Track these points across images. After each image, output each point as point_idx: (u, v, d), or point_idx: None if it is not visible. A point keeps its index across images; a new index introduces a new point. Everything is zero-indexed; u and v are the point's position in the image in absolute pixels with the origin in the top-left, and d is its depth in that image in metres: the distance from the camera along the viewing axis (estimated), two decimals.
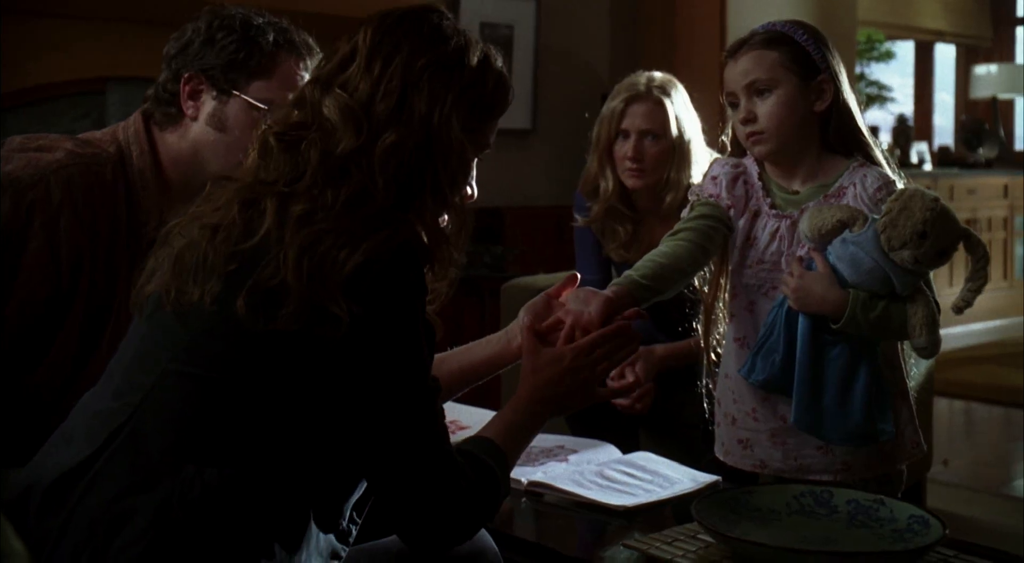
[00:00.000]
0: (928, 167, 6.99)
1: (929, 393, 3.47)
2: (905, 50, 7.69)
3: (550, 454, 2.11)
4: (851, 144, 1.84)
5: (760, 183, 1.86)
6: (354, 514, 1.42)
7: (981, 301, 1.73)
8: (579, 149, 2.84)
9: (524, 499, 1.90)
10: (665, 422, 2.62)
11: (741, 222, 1.84)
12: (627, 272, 1.74)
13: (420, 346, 1.34)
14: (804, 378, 1.75)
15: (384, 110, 1.36)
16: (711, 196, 1.86)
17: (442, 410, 1.39)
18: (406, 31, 1.40)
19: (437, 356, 1.75)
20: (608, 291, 1.67)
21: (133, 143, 1.79)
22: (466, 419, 2.26)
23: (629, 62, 4.89)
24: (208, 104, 1.80)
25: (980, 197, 6.81)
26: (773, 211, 1.83)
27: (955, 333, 6.25)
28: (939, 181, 6.61)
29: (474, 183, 1.51)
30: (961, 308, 1.69)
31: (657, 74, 2.67)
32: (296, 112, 1.40)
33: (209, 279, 1.30)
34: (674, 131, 2.60)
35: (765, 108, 1.79)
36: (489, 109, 1.45)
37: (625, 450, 2.25)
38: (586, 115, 2.91)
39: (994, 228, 6.90)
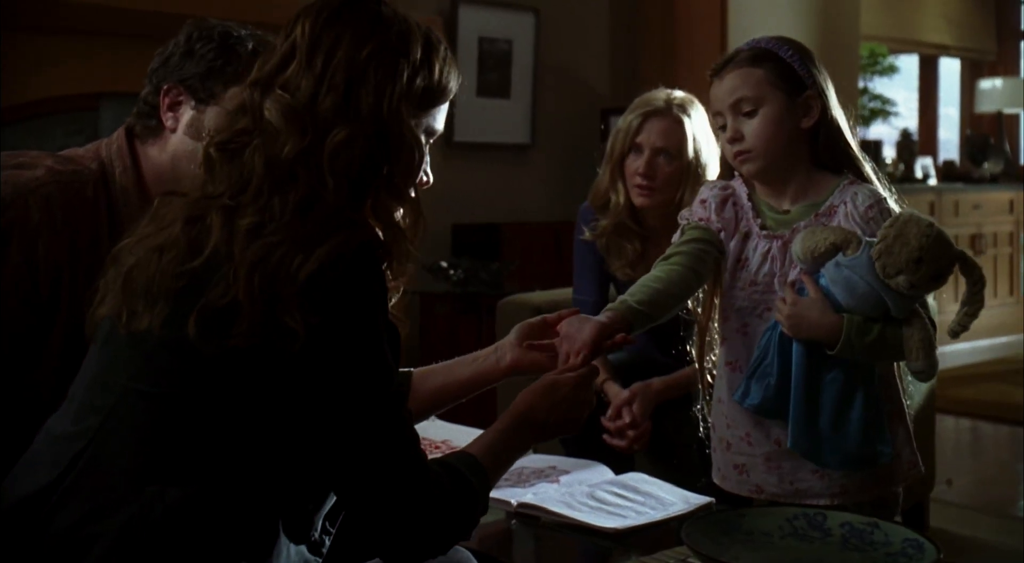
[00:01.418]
0: (933, 182, 6.94)
1: (931, 411, 3.43)
2: (909, 64, 7.66)
3: (541, 475, 2.08)
4: (841, 160, 1.82)
5: (750, 204, 1.83)
6: (327, 524, 1.39)
7: (987, 318, 1.70)
8: (578, 164, 2.80)
9: (514, 521, 1.87)
10: (661, 442, 2.58)
11: (732, 244, 1.82)
12: (621, 297, 1.71)
13: (382, 350, 1.30)
14: (800, 402, 1.72)
15: (329, 106, 1.31)
16: (701, 219, 1.84)
17: (410, 414, 1.34)
18: (346, 21, 1.35)
19: (421, 371, 1.72)
20: (602, 316, 1.65)
21: (116, 159, 1.77)
22: (458, 440, 2.22)
23: (628, 77, 4.89)
24: (187, 114, 1.78)
25: (985, 212, 6.76)
26: (763, 232, 1.80)
27: (960, 350, 6.20)
28: (944, 196, 6.57)
29: (428, 169, 1.47)
30: (957, 332, 1.67)
31: (678, 93, 2.59)
32: (238, 119, 1.35)
33: (157, 303, 1.27)
34: (690, 152, 2.52)
35: (752, 127, 1.77)
36: (438, 94, 1.41)
37: (621, 470, 2.21)
38: (601, 127, 2.87)
39: (1000, 243, 6.85)
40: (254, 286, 1.22)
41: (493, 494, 1.93)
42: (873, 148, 6.56)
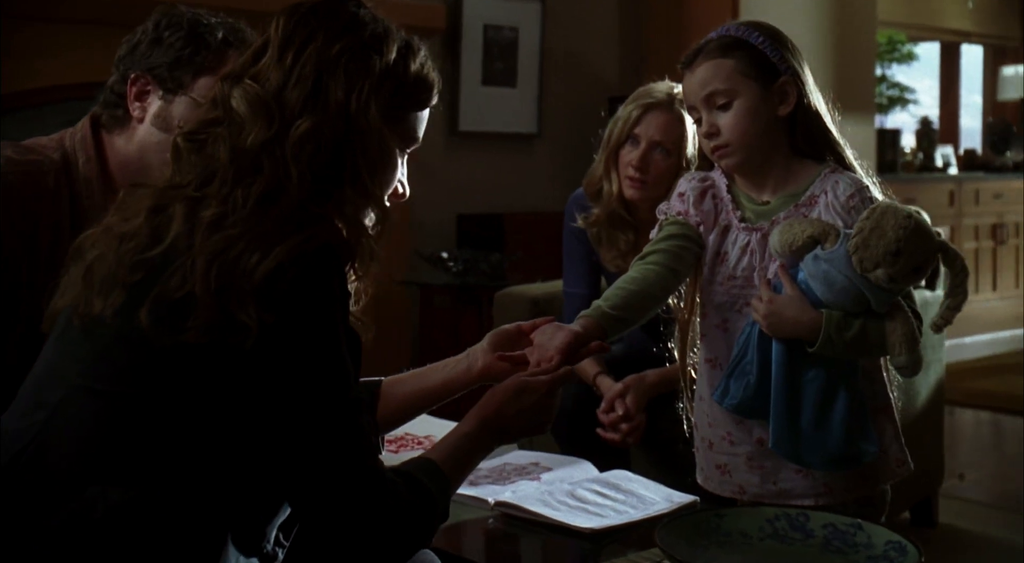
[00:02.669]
0: (953, 171, 6.84)
1: (939, 403, 3.36)
2: (930, 51, 7.55)
3: (523, 472, 2.04)
4: (821, 147, 1.76)
5: (729, 196, 1.77)
6: (280, 536, 1.35)
7: (1008, 307, 1.64)
8: (585, 154, 2.74)
9: (491, 520, 1.82)
10: (656, 437, 2.52)
11: (711, 238, 1.76)
12: (596, 302, 1.67)
13: (339, 356, 1.26)
14: (781, 402, 1.67)
15: (297, 97, 1.30)
16: (679, 213, 1.78)
17: (369, 424, 1.31)
18: (320, 19, 1.34)
19: (391, 379, 1.69)
20: (576, 324, 1.61)
21: (79, 149, 1.73)
22: (442, 435, 2.18)
23: (637, 65, 4.82)
24: (155, 104, 1.74)
25: (1007, 201, 6.65)
26: (743, 224, 1.75)
27: (977, 341, 6.11)
28: (964, 185, 6.47)
29: (405, 180, 1.44)
30: (940, 326, 1.61)
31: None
32: (209, 110, 1.34)
33: (112, 290, 1.24)
34: (689, 149, 2.44)
35: (727, 119, 1.71)
36: (411, 99, 1.39)
37: (616, 465, 2.17)
38: (602, 114, 2.82)
39: (1021, 233, 6.74)
40: (211, 279, 1.20)
41: (471, 492, 1.90)
42: (891, 137, 6.47)
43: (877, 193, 1.72)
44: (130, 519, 1.20)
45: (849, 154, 1.76)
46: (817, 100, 1.75)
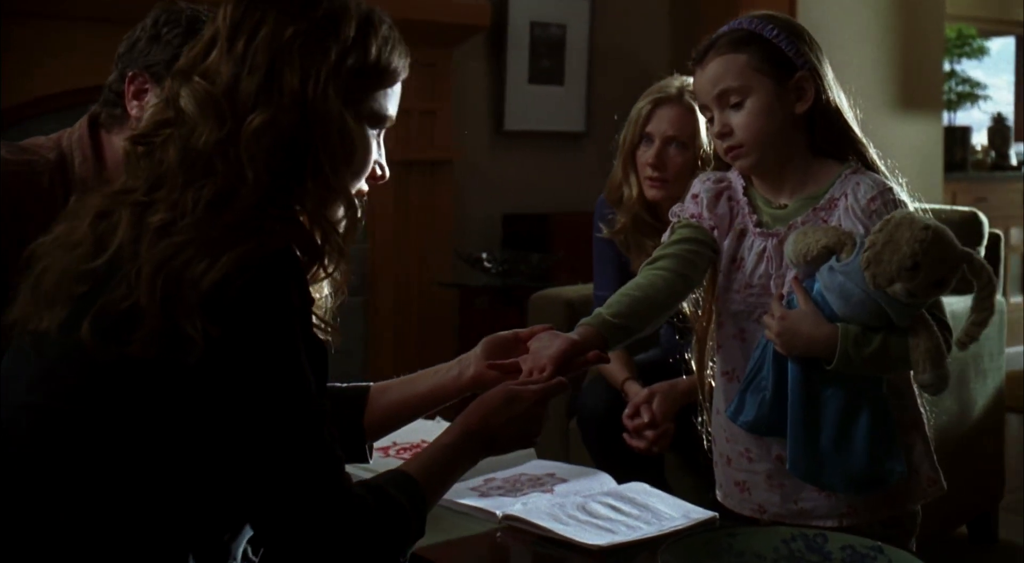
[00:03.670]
0: None
1: (1000, 412, 3.21)
2: (1004, 46, 7.30)
3: (537, 483, 1.96)
4: (842, 145, 1.66)
5: (746, 198, 1.68)
6: (249, 551, 1.29)
7: None
8: None
9: (499, 534, 1.75)
10: (691, 447, 2.44)
11: (726, 243, 1.68)
12: (598, 309, 1.59)
13: (295, 368, 1.19)
14: (798, 421, 1.58)
15: (250, 90, 1.22)
16: (692, 216, 1.69)
17: (332, 437, 1.23)
18: (270, 2, 1.26)
19: (380, 385, 1.62)
20: (575, 333, 1.54)
21: (76, 149, 1.71)
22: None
23: (689, 62, 4.71)
24: (152, 103, 1.69)
25: None
26: (759, 229, 1.65)
27: None
28: None
29: (383, 161, 1.37)
30: (965, 344, 1.50)
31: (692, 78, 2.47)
32: (161, 111, 1.27)
33: (56, 304, 1.19)
34: (704, 141, 2.37)
35: (740, 118, 1.62)
36: (375, 77, 1.30)
37: (650, 476, 2.09)
38: None
39: None
40: (156, 289, 1.14)
41: (480, 503, 1.83)
42: (960, 134, 6.27)
43: (904, 195, 1.61)
44: (84, 540, 1.15)
45: (872, 152, 1.65)
46: (838, 96, 1.65)
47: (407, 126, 3.98)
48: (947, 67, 6.23)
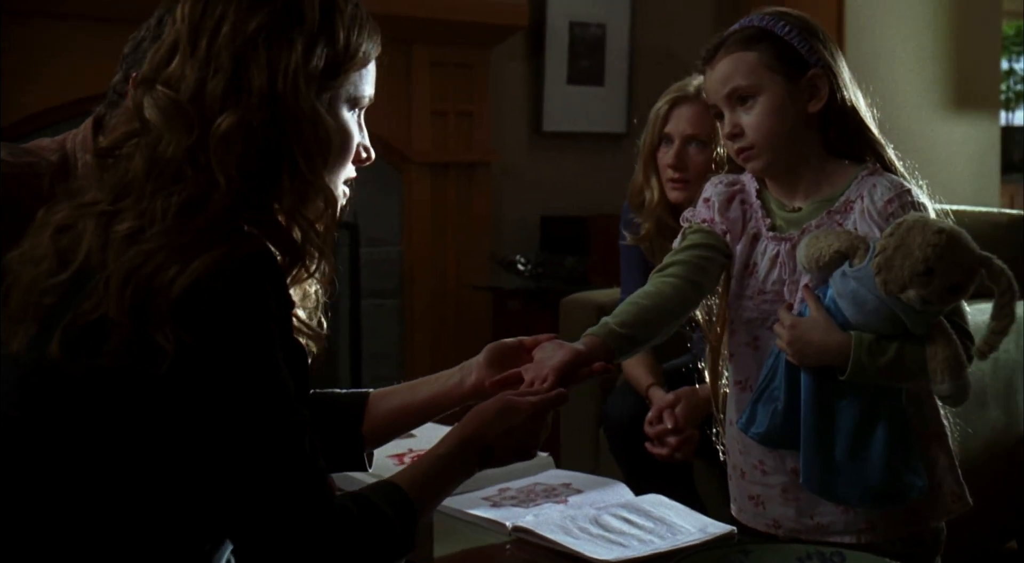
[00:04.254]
0: None
1: None
2: None
3: (551, 494, 1.91)
4: (859, 146, 1.59)
5: (759, 202, 1.62)
6: (231, 562, 1.25)
7: None
8: None
9: (508, 547, 1.70)
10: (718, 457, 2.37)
11: (739, 247, 1.61)
12: (604, 319, 1.54)
13: (271, 375, 1.15)
14: (811, 434, 1.51)
15: (216, 93, 1.18)
16: (704, 221, 1.63)
17: (314, 446, 1.19)
18: None
19: (380, 391, 1.58)
20: (580, 343, 1.48)
21: (80, 150, 1.69)
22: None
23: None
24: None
25: None
26: (772, 233, 1.59)
27: None
28: None
29: (367, 143, 1.33)
30: (985, 353, 1.42)
31: None
32: (129, 120, 1.23)
33: (24, 321, 1.17)
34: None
35: (751, 119, 1.56)
36: (346, 62, 1.25)
37: (677, 485, 2.01)
38: None
39: None
40: (126, 297, 1.11)
41: (491, 514, 1.79)
42: (1020, 135, 6.11)
43: (923, 198, 1.54)
44: (63, 551, 1.13)
45: (891, 153, 1.58)
46: (854, 94, 1.58)
47: (444, 128, 3.95)
48: (1004, 65, 6.07)
